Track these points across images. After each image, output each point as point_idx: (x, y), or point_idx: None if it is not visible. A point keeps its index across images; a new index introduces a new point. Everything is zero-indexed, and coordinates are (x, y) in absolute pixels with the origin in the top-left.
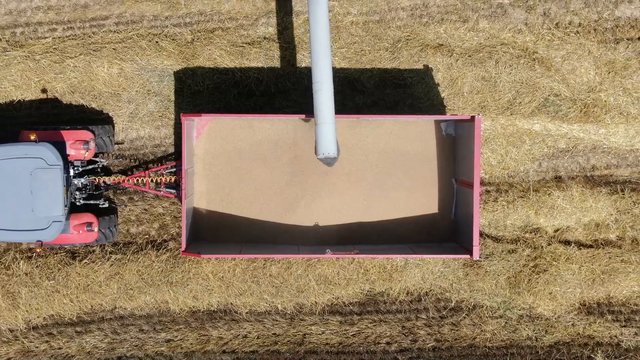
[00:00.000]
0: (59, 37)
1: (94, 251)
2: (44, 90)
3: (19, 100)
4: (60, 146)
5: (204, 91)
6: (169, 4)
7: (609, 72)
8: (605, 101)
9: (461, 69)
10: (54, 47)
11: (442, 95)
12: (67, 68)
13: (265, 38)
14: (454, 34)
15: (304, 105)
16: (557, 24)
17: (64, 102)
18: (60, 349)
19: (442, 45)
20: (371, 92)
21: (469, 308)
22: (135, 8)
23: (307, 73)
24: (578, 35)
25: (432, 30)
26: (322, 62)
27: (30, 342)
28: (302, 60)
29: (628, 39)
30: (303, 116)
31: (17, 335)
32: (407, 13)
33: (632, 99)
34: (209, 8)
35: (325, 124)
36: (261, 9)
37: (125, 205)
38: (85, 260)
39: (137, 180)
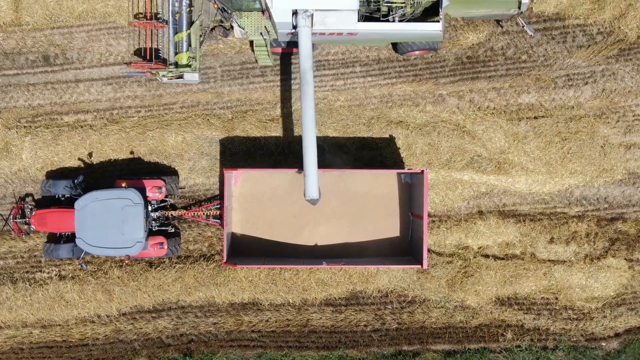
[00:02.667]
0: (142, 116)
1: (164, 262)
2: (131, 152)
3: (115, 159)
4: (142, 190)
5: (240, 153)
6: (216, 94)
7: (514, 140)
8: (511, 160)
9: (414, 138)
10: (138, 123)
11: (402, 155)
12: (147, 137)
13: (281, 117)
14: (409, 114)
15: None
16: (479, 107)
17: (145, 160)
18: (141, 328)
19: (401, 121)
20: (353, 153)
21: (420, 301)
22: (193, 97)
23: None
24: (493, 115)
25: (394, 111)
26: (309, 136)
27: (120, 324)
28: None
29: (527, 118)
30: None
31: (112, 319)
32: (377, 100)
33: (529, 158)
34: (243, 96)
35: (310, 176)
36: (278, 97)
37: (185, 231)
38: (158, 268)
39: (194, 213)
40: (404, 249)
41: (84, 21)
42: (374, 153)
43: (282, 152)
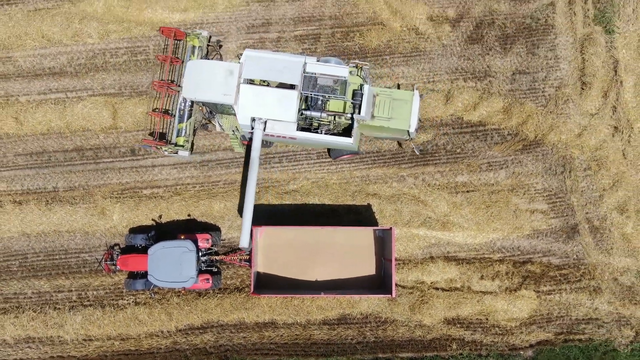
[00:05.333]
0: (197, 190)
1: (209, 292)
2: (188, 215)
3: (177, 219)
4: (195, 241)
5: (264, 215)
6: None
7: (454, 207)
8: (452, 221)
9: (385, 205)
10: (194, 194)
11: (376, 217)
12: (200, 204)
13: (293, 190)
14: (381, 189)
15: (312, 222)
16: (428, 184)
17: (198, 220)
18: (191, 341)
19: (376, 194)
20: (342, 215)
21: (390, 321)
22: (232, 177)
23: (313, 209)
24: (438, 189)
25: (371, 187)
26: (248, 203)
27: (177, 337)
28: (314, 200)
29: (462, 191)
30: (313, 227)
31: (171, 334)
32: (359, 179)
33: (464, 220)
34: (266, 176)
35: (245, 232)
36: (291, 176)
37: (224, 270)
38: (205, 297)
39: (231, 258)
40: (379, 283)
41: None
42: (356, 216)
43: (293, 215)
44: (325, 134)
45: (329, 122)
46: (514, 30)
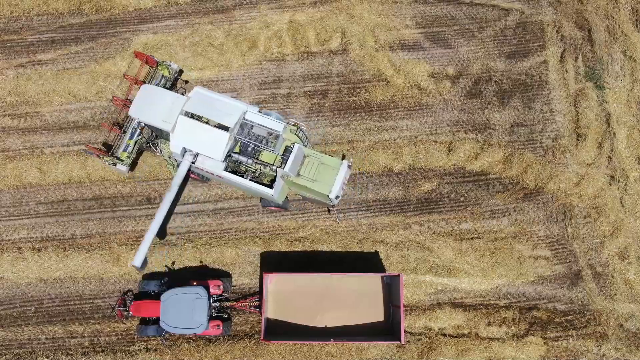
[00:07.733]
0: (209, 237)
1: (219, 339)
2: (200, 262)
3: (189, 266)
4: (207, 287)
5: (274, 262)
6: (258, 222)
7: (459, 254)
8: (458, 267)
9: (392, 252)
10: (206, 242)
11: (383, 264)
12: (212, 251)
13: (302, 237)
14: (387, 236)
15: (320, 269)
16: (434, 232)
17: (209, 267)
18: None
19: (383, 241)
20: (351, 263)
21: None
22: (243, 224)
23: (322, 256)
24: (444, 236)
25: (378, 234)
26: (154, 225)
27: None
28: (323, 247)
29: (467, 238)
30: (322, 274)
31: None
32: (366, 227)
33: (470, 266)
34: (276, 224)
35: (142, 250)
36: (300, 224)
37: (235, 316)
38: (215, 343)
39: (241, 304)
40: (387, 329)
41: None
42: (366, 263)
43: (303, 262)
44: (250, 180)
45: (255, 169)
46: (510, 86)
